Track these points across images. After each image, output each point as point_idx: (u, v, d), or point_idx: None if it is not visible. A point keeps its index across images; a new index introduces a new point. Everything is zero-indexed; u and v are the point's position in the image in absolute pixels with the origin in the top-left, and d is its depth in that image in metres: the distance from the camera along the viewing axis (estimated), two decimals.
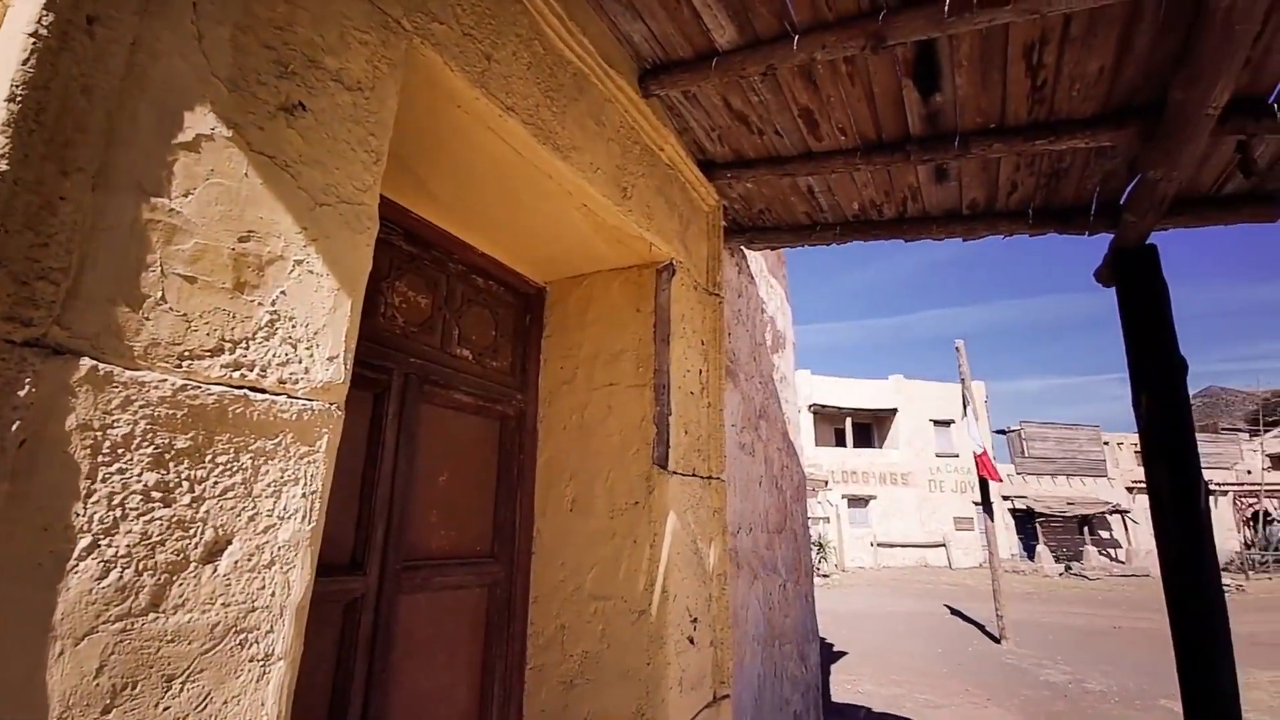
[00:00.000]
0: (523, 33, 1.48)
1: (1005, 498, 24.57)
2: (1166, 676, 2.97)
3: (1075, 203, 2.42)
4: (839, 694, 6.33)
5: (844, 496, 23.76)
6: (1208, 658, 1.97)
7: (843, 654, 8.17)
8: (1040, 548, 23.11)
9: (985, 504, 10.24)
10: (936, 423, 25.13)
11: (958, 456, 24.23)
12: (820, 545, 19.17)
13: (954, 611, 12.15)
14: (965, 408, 10.40)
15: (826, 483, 22.97)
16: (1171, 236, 2.58)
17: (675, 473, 1.91)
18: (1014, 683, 7.06)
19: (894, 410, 25.93)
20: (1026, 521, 24.44)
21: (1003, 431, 27.11)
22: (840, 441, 26.32)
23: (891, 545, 23.60)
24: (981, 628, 10.44)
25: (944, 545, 23.89)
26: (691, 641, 1.86)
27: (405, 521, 1.64)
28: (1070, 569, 21.60)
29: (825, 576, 18.31)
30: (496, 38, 1.38)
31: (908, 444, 25.41)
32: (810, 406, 25.11)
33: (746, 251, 3.79)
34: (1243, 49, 1.44)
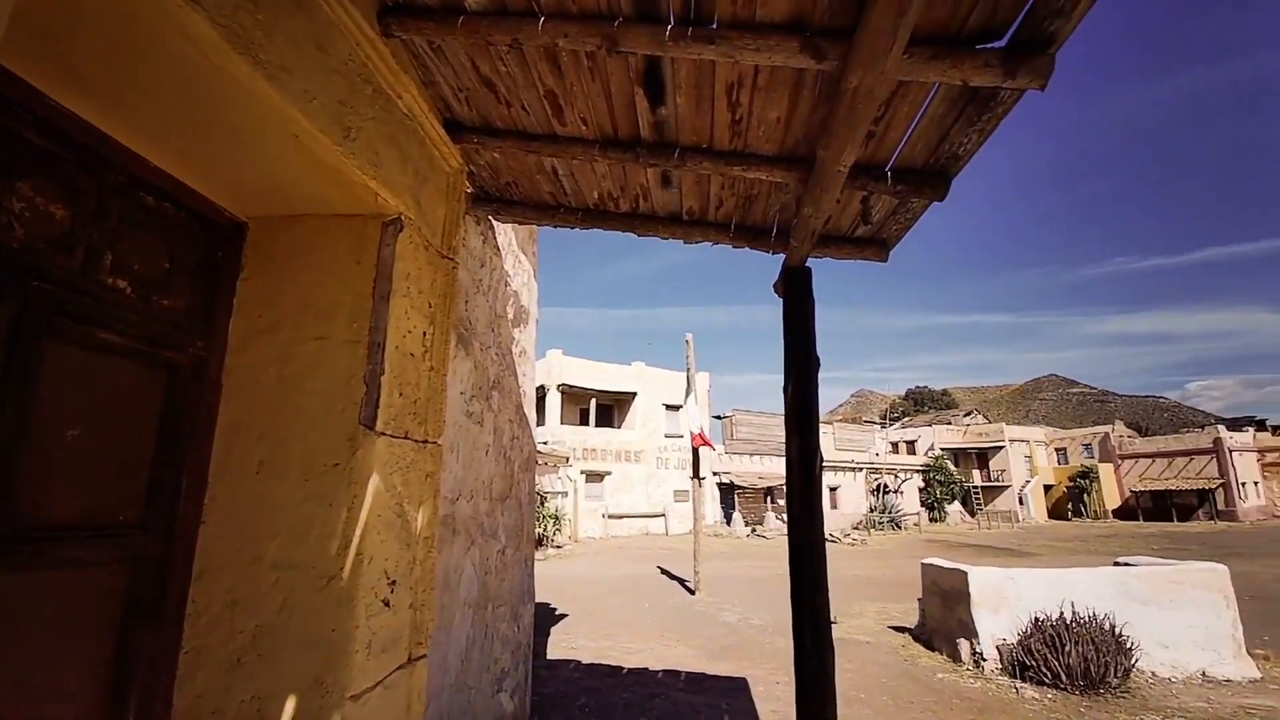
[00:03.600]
0: None
1: (715, 473, 28.74)
2: None
3: (763, 224, 2.95)
4: (555, 651, 6.78)
5: (583, 472, 25.22)
6: (811, 584, 2.62)
7: (564, 615, 8.74)
8: (736, 514, 27.61)
9: (696, 476, 11.85)
10: (668, 407, 28.11)
11: (683, 437, 27.54)
12: (557, 518, 20.07)
13: (663, 572, 13.86)
14: (688, 394, 11.86)
15: (568, 459, 24.11)
16: (856, 269, 3.31)
17: (384, 434, 1.85)
18: (700, 625, 8.36)
19: (634, 394, 28.31)
20: (729, 493, 28.96)
21: (719, 417, 31.60)
22: (584, 420, 27.84)
23: (620, 516, 25.83)
24: (683, 583, 12.12)
25: (664, 515, 26.98)
26: (387, 604, 1.84)
27: (12, 485, 1.31)
28: (755, 531, 26.21)
29: (559, 547, 19.27)
30: None
31: (642, 425, 27.99)
32: (560, 386, 26.02)
33: (495, 223, 3.79)
34: (865, 124, 1.92)
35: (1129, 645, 5.50)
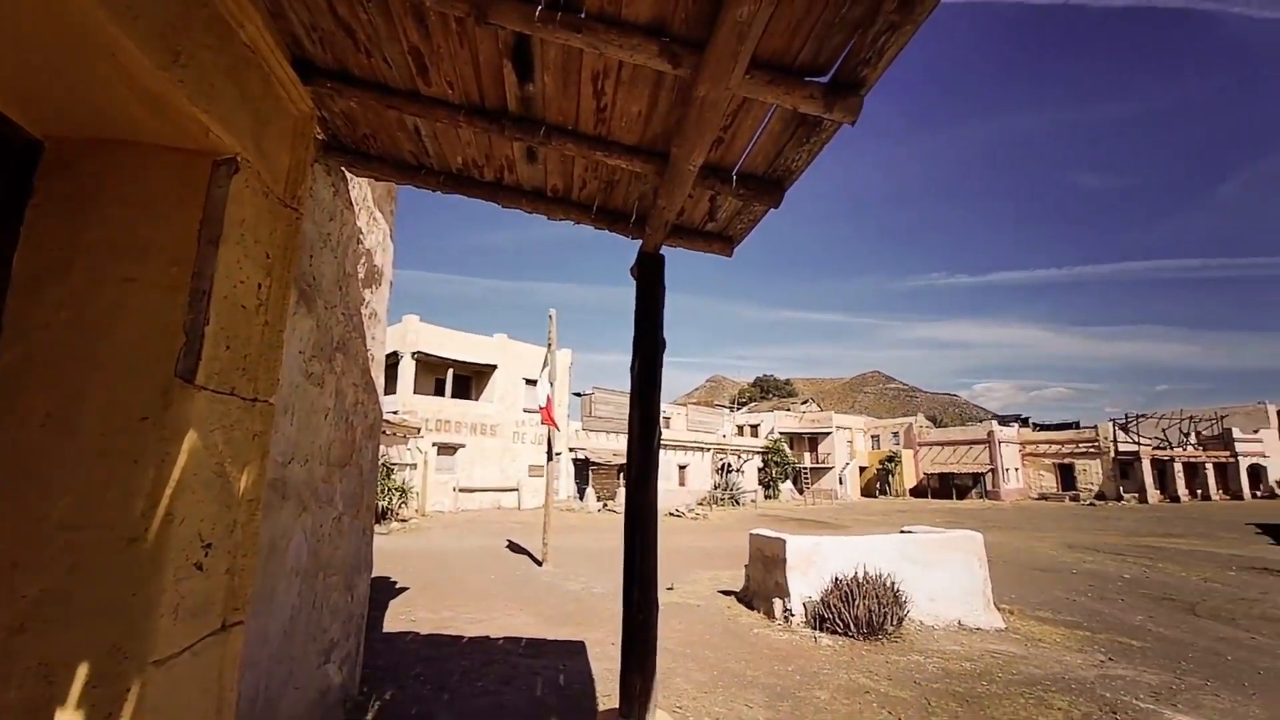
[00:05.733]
0: None
1: (571, 449, 29.08)
2: None
3: (623, 209, 3.10)
4: (394, 624, 6.59)
5: (434, 444, 24.27)
6: (642, 545, 2.85)
7: (405, 589, 8.48)
8: (589, 490, 28.21)
9: (550, 451, 11.97)
10: (528, 381, 27.83)
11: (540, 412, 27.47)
12: (403, 490, 19.18)
13: (512, 545, 13.87)
14: (543, 367, 11.90)
15: (419, 430, 23.06)
16: (722, 262, 3.54)
17: (206, 389, 1.73)
18: (545, 595, 8.56)
19: (494, 366, 27.66)
20: (584, 469, 29.48)
21: (579, 394, 31.91)
22: (440, 391, 26.71)
23: (473, 490, 25.29)
24: (531, 555, 12.25)
25: (518, 490, 26.83)
26: (199, 567, 1.74)
27: None
28: (607, 505, 27.01)
29: (404, 521, 18.46)
30: None
31: (501, 399, 27.49)
32: (414, 354, 24.70)
33: (349, 175, 3.57)
34: (713, 130, 2.12)
35: (903, 599, 6.57)
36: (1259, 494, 45.72)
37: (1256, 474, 46.99)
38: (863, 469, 49.03)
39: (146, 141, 1.73)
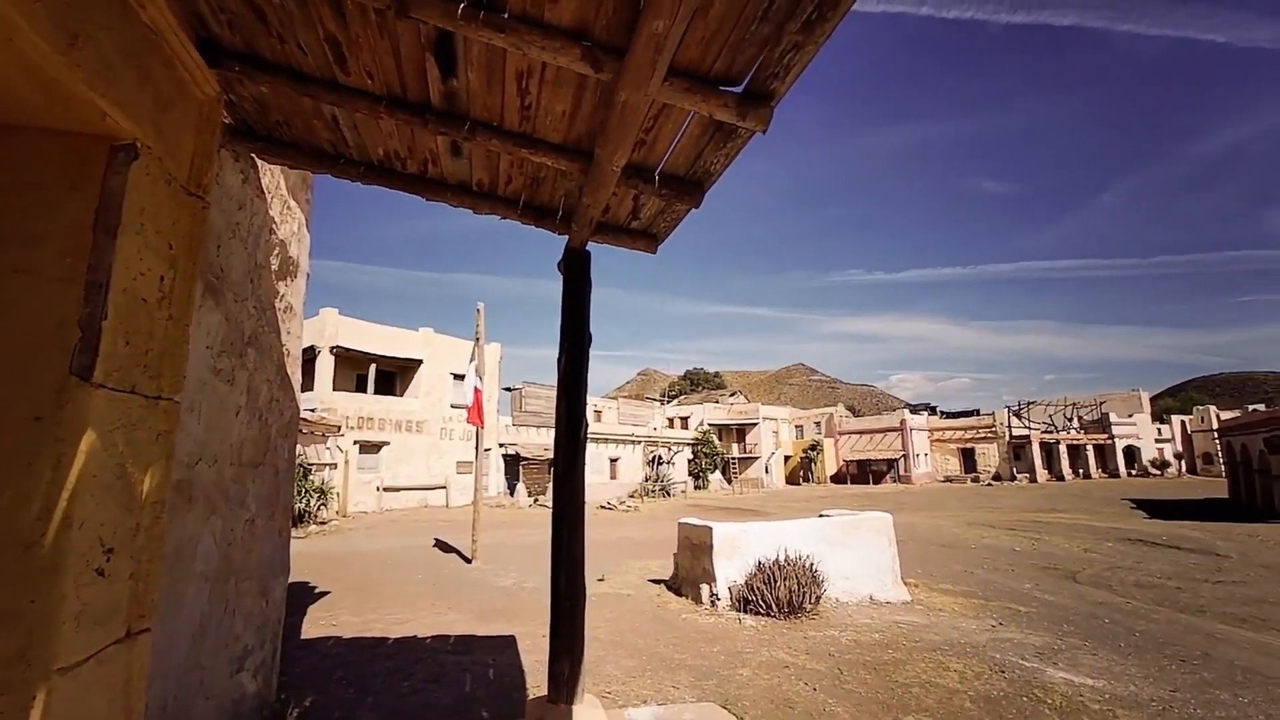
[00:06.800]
0: None
1: (501, 445, 28.63)
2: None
3: (550, 205, 3.14)
4: (315, 630, 6.34)
5: (356, 442, 23.27)
6: (569, 534, 2.92)
7: (326, 593, 8.15)
8: (520, 485, 27.89)
9: (479, 447, 11.78)
10: (456, 376, 27.11)
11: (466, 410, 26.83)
12: (322, 491, 18.29)
13: (440, 543, 13.57)
14: (471, 361, 11.69)
15: (340, 428, 22.03)
16: (651, 257, 3.61)
17: (104, 386, 1.65)
18: (474, 591, 8.46)
19: (420, 361, 26.76)
20: (515, 464, 29.10)
21: (509, 389, 31.39)
22: (362, 387, 25.59)
23: (397, 489, 24.44)
24: (460, 553, 12.03)
25: (445, 487, 26.15)
26: (101, 573, 1.66)
27: None
28: (538, 500, 26.80)
29: (323, 524, 17.62)
30: None
31: (427, 394, 26.65)
32: (334, 348, 23.54)
33: (260, 162, 3.41)
34: (634, 132, 2.20)
35: (821, 578, 6.97)
36: (1133, 472, 51.14)
37: (1131, 454, 52.48)
38: (787, 458, 50.99)
39: (38, 125, 1.63)
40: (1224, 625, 7.37)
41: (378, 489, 23.73)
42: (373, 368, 25.59)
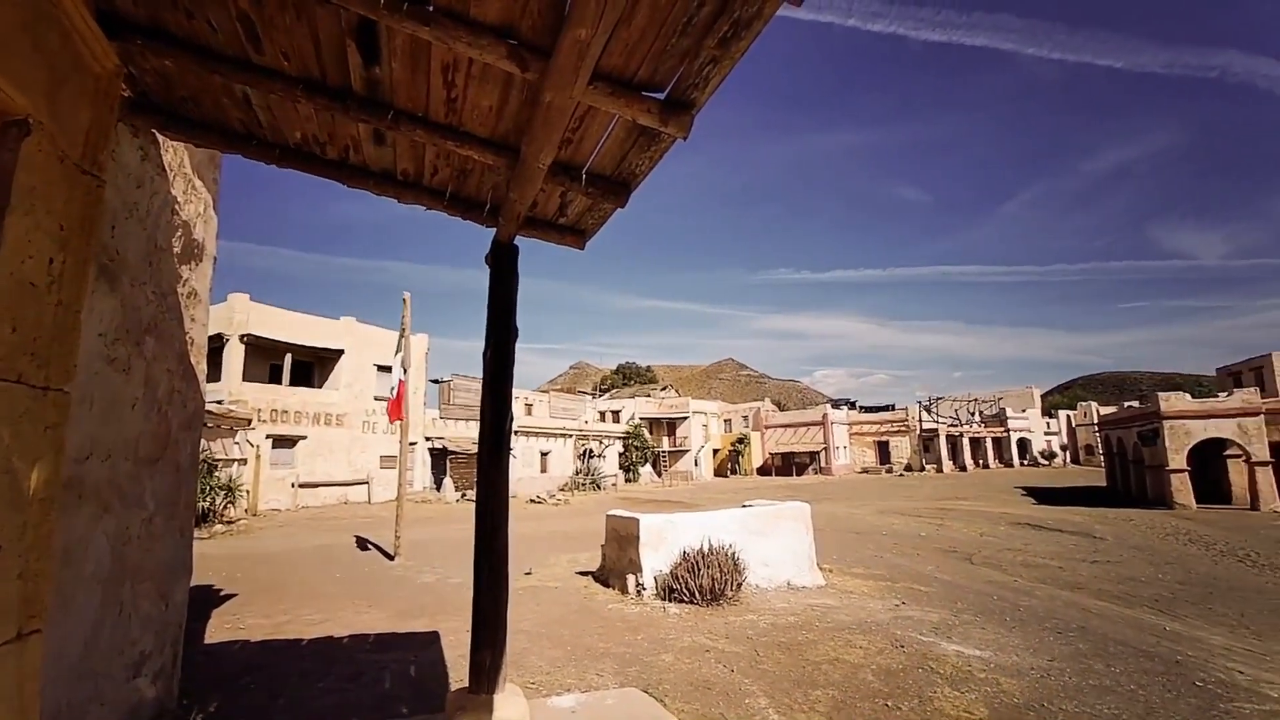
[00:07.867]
0: None
1: (428, 438, 27.81)
2: None
3: (477, 198, 3.12)
4: (220, 634, 6.01)
5: (269, 436, 21.98)
6: (492, 528, 2.95)
7: (232, 595, 7.71)
8: (447, 480, 27.21)
9: (401, 444, 11.44)
10: (380, 367, 26.09)
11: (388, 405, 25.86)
12: (229, 489, 17.19)
13: (361, 541, 13.08)
14: (396, 354, 11.33)
15: (250, 421, 20.73)
16: (584, 250, 3.62)
17: None
18: (396, 589, 8.25)
19: (341, 351, 25.54)
20: (442, 459, 28.34)
21: (437, 381, 30.50)
22: (276, 378, 24.14)
23: (315, 485, 23.28)
24: (381, 550, 11.65)
25: (368, 483, 25.14)
26: None
27: None
28: (465, 495, 26.24)
29: (229, 524, 16.56)
30: None
31: (348, 386, 25.49)
32: (244, 337, 22.10)
33: (161, 139, 3.21)
34: (560, 132, 2.24)
35: (742, 566, 7.26)
36: (1025, 462, 55.77)
37: (1024, 445, 57.21)
38: (716, 451, 52.23)
39: None
40: (1099, 601, 8.25)
41: (293, 485, 22.51)
42: (288, 357, 24.20)
